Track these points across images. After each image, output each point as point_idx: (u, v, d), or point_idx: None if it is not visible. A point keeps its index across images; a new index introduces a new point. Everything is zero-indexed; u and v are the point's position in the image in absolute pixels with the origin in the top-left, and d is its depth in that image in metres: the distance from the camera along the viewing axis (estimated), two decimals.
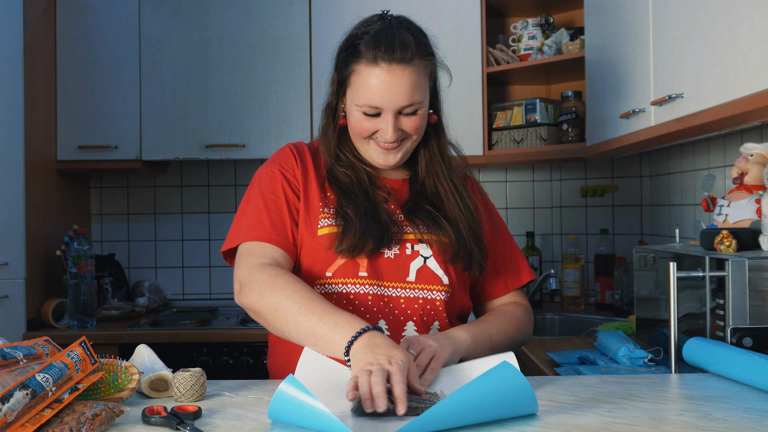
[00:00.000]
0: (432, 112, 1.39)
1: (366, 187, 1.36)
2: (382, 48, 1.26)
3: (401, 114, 1.30)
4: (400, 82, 1.26)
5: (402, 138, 1.33)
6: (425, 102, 1.32)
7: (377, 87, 1.27)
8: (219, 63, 2.90)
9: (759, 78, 1.35)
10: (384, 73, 1.26)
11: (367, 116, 1.30)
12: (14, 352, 1.03)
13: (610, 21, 2.25)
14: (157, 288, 3.14)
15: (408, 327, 1.31)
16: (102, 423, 0.94)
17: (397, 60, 1.25)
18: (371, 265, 1.31)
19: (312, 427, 0.95)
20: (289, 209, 1.33)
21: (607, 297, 2.88)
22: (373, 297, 1.31)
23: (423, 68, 1.29)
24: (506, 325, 1.39)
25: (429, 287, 1.33)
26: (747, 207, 1.62)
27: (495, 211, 1.51)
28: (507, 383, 0.97)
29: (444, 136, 1.43)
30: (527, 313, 1.47)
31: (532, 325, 1.48)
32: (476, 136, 2.85)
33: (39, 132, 2.74)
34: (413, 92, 1.28)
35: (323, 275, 1.32)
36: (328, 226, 1.32)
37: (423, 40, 1.32)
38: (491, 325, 1.36)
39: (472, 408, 0.95)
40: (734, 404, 1.06)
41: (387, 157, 1.34)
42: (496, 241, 1.47)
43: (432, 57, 1.33)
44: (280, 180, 1.35)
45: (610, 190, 3.05)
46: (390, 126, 1.29)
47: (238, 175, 3.27)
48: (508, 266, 1.49)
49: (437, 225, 1.35)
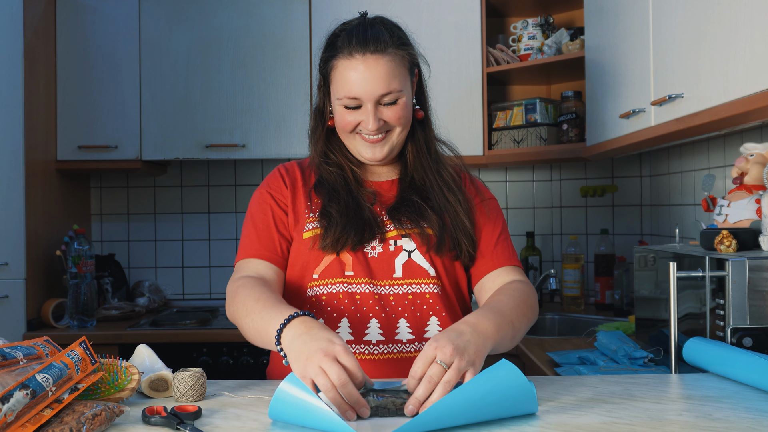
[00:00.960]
0: (418, 108, 1.42)
1: (350, 185, 1.39)
2: (355, 41, 1.30)
3: (381, 104, 1.32)
4: (376, 71, 1.29)
5: (386, 130, 1.35)
6: (405, 91, 1.34)
7: (354, 78, 1.30)
8: (219, 63, 2.90)
9: (759, 78, 1.35)
10: (359, 63, 1.30)
11: (349, 109, 1.33)
12: (14, 352, 1.03)
13: (610, 21, 2.25)
14: (157, 288, 3.14)
15: (400, 324, 1.31)
16: (102, 423, 0.94)
17: (370, 51, 1.29)
18: (358, 264, 1.32)
19: (312, 426, 0.95)
20: (276, 224, 1.38)
21: (607, 297, 2.88)
22: (362, 295, 1.31)
23: (399, 59, 1.32)
24: (522, 306, 1.27)
25: (417, 281, 1.33)
26: (747, 207, 1.62)
27: (493, 203, 1.45)
28: (508, 382, 0.98)
29: (431, 131, 1.45)
30: (533, 290, 1.37)
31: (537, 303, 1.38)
32: (476, 136, 2.85)
33: (39, 132, 2.74)
34: (390, 80, 1.30)
35: (311, 277, 1.34)
36: (312, 229, 1.35)
37: (398, 32, 1.36)
38: (509, 308, 1.23)
39: (472, 406, 0.95)
40: (734, 404, 1.06)
41: (374, 151, 1.36)
42: (490, 233, 1.41)
43: (408, 47, 1.36)
44: (268, 201, 1.41)
45: (610, 190, 3.05)
46: (370, 116, 1.31)
47: (238, 175, 3.27)
48: (499, 252, 1.40)
49: (422, 216, 1.36)
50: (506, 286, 1.34)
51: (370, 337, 1.30)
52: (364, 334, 1.29)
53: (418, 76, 1.42)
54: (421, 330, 1.32)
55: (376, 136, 1.34)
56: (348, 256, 1.33)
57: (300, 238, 1.36)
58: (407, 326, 1.31)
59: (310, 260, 1.34)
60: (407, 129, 1.38)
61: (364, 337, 1.29)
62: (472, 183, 1.47)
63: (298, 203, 1.40)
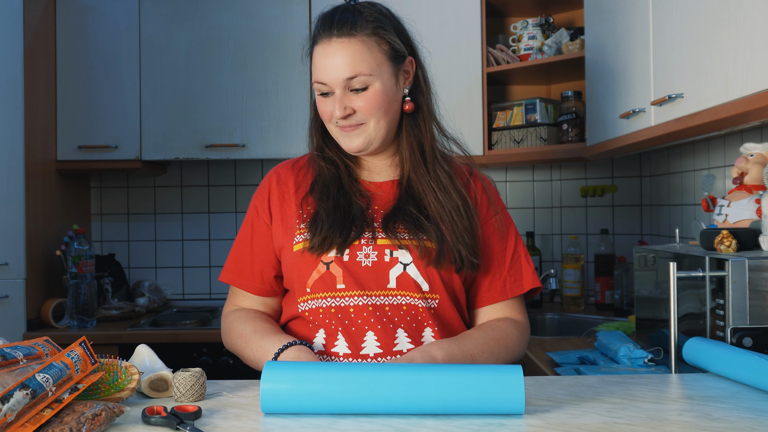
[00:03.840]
0: (409, 99, 1.34)
1: (343, 183, 1.35)
2: (325, 26, 1.29)
3: (351, 91, 1.28)
4: (340, 54, 1.26)
5: (359, 122, 1.30)
6: (377, 77, 1.28)
7: (321, 62, 1.28)
8: (219, 63, 2.90)
9: (759, 78, 1.35)
10: (325, 47, 1.28)
11: (322, 97, 1.31)
12: (14, 352, 1.03)
13: (610, 21, 2.25)
14: (157, 288, 3.14)
15: (399, 334, 1.26)
16: (102, 423, 0.94)
17: (336, 34, 1.27)
18: (349, 276, 1.27)
19: (307, 411, 1.00)
20: (252, 247, 1.40)
21: (607, 297, 2.88)
22: (356, 308, 1.27)
23: (373, 43, 1.27)
24: (492, 345, 1.28)
25: (410, 294, 1.28)
26: (747, 207, 1.62)
27: (505, 212, 1.42)
28: (498, 377, 0.99)
29: (426, 126, 1.36)
30: (521, 332, 1.35)
31: (526, 345, 1.36)
32: (476, 136, 2.85)
33: (39, 132, 2.74)
34: (355, 64, 1.26)
35: (303, 291, 1.31)
36: (302, 241, 1.31)
37: (379, 18, 1.30)
38: (474, 344, 1.26)
39: (456, 390, 0.99)
40: (734, 404, 1.06)
41: (350, 141, 1.31)
42: (498, 242, 1.38)
43: (387, 32, 1.30)
44: (253, 217, 1.42)
45: (610, 190, 3.05)
46: (337, 101, 1.28)
47: (238, 175, 3.27)
48: (509, 269, 1.37)
49: (420, 228, 1.29)
50: (489, 323, 1.36)
51: (368, 350, 1.25)
52: (360, 347, 1.26)
53: (415, 68, 1.36)
54: (418, 340, 1.28)
55: (347, 125, 1.30)
56: (338, 269, 1.28)
57: (290, 249, 1.33)
58: (405, 336, 1.27)
59: (301, 272, 1.30)
60: (386, 120, 1.31)
61: (361, 351, 1.26)
62: (485, 191, 1.40)
63: (288, 211, 1.37)
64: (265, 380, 1.02)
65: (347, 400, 1.00)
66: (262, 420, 1.01)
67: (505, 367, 1.02)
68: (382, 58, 1.29)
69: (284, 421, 0.99)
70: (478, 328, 1.34)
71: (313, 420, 0.99)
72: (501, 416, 1.00)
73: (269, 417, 1.01)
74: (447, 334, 1.31)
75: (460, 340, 1.26)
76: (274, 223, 1.38)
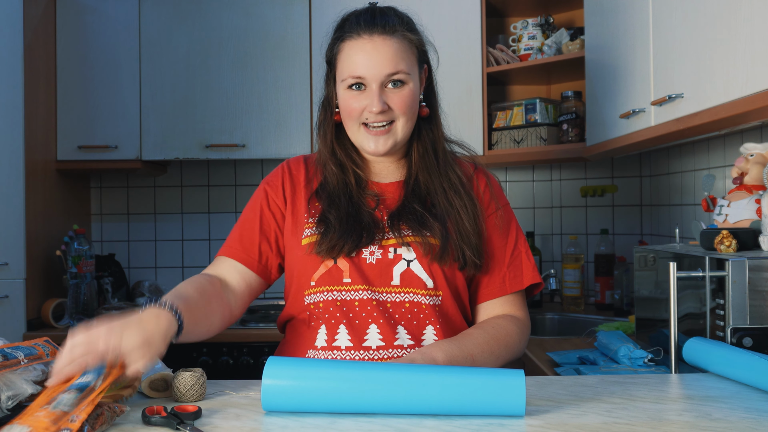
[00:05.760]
0: (424, 105, 1.38)
1: (351, 191, 1.36)
2: (363, 22, 1.29)
3: (387, 88, 1.30)
4: (383, 50, 1.28)
5: (390, 120, 1.31)
6: (413, 77, 1.31)
7: (360, 57, 1.29)
8: (219, 63, 2.90)
9: (759, 78, 1.35)
10: (366, 42, 1.28)
11: (353, 92, 1.31)
12: (15, 353, 1.03)
13: (610, 21, 2.25)
14: (157, 288, 3.14)
15: (399, 330, 1.28)
16: (102, 423, 0.94)
17: (378, 31, 1.28)
18: (355, 271, 1.30)
19: (307, 409, 1.00)
20: (261, 226, 1.39)
21: (607, 297, 2.88)
22: (360, 302, 1.29)
23: (408, 43, 1.31)
24: (493, 344, 1.28)
25: (413, 290, 1.30)
26: (747, 207, 1.62)
27: (507, 208, 1.43)
28: (499, 378, 0.99)
29: (439, 131, 1.40)
30: (521, 329, 1.36)
31: (526, 342, 1.37)
32: (476, 136, 2.85)
33: (39, 132, 2.74)
34: (397, 61, 1.28)
35: (308, 284, 1.32)
36: (310, 236, 1.33)
37: (407, 20, 1.35)
38: (474, 344, 1.26)
39: (457, 393, 0.98)
40: (734, 404, 1.06)
41: (377, 144, 1.32)
42: (499, 238, 1.38)
43: (417, 34, 1.35)
44: (262, 199, 1.41)
45: (610, 190, 3.05)
46: (375, 97, 1.28)
47: (238, 175, 3.27)
48: (509, 265, 1.38)
49: (424, 225, 1.31)
50: (489, 321, 1.36)
51: (370, 342, 1.27)
52: (363, 339, 1.27)
53: (428, 72, 1.40)
54: (418, 337, 1.29)
55: (381, 127, 1.31)
56: (345, 263, 1.30)
57: (298, 244, 1.35)
58: (406, 332, 1.28)
59: (307, 266, 1.32)
60: (412, 122, 1.34)
61: (363, 342, 1.27)
62: (488, 186, 1.41)
63: (298, 205, 1.39)
64: (267, 376, 1.02)
65: (349, 399, 1.00)
66: (262, 420, 1.01)
67: (506, 371, 1.02)
68: (414, 60, 1.33)
69: (284, 421, 0.99)
70: (479, 326, 1.34)
71: (313, 420, 0.99)
72: (501, 416, 1.00)
73: (269, 417, 1.01)
74: (449, 331, 1.32)
75: (461, 341, 1.26)
76: (286, 213, 1.39)
